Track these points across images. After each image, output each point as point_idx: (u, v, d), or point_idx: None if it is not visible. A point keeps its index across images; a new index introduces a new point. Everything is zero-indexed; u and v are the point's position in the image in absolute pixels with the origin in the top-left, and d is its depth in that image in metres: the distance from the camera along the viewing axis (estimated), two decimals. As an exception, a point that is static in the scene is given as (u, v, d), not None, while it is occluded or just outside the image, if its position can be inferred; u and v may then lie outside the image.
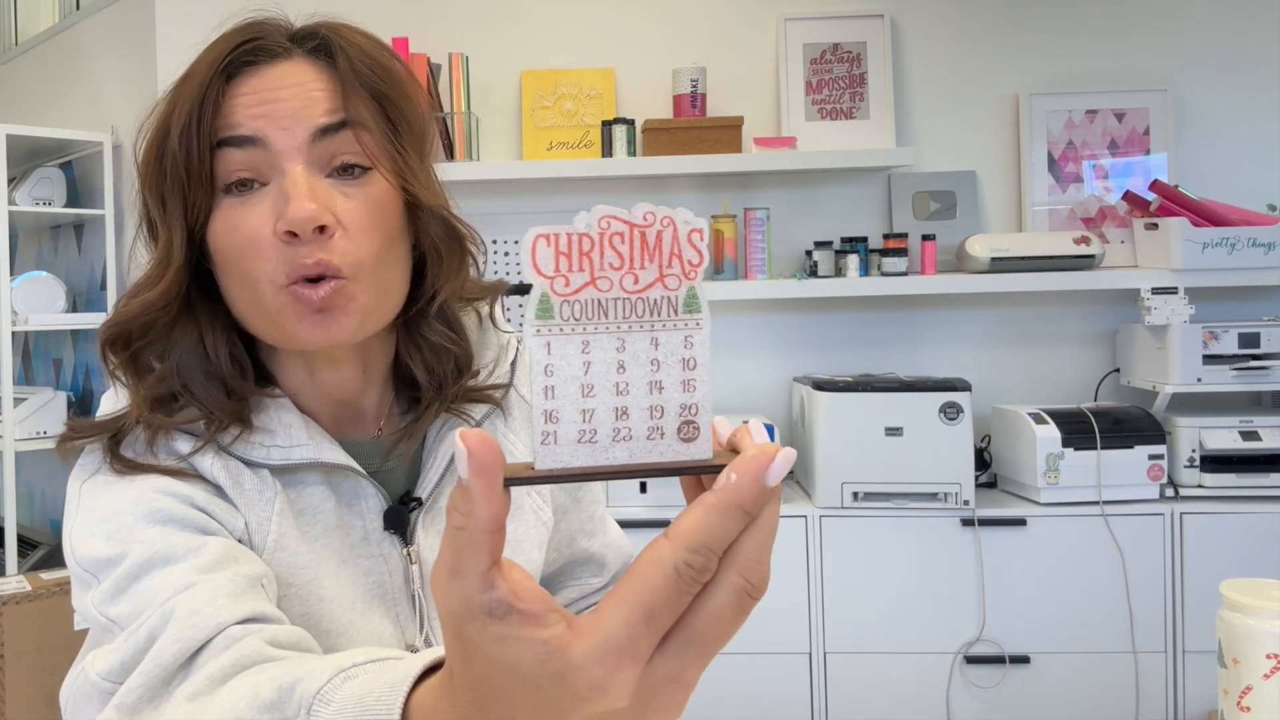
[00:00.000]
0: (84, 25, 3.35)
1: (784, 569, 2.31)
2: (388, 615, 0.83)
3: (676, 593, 0.41)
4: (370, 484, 0.82)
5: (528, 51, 2.72)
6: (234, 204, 0.76)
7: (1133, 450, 2.31)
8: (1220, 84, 2.67)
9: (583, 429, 0.41)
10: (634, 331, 0.40)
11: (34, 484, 3.46)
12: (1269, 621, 0.86)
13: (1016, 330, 2.71)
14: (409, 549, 0.84)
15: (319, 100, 0.77)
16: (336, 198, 0.76)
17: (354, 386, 0.85)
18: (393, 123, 0.80)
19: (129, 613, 0.67)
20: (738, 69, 2.70)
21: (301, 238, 0.73)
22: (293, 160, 0.75)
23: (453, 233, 0.83)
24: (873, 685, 2.31)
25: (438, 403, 0.85)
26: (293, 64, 0.78)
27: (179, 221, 0.76)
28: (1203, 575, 2.26)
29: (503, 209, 2.74)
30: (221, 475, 0.77)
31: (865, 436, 2.31)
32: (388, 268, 0.79)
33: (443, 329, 0.86)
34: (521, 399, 0.93)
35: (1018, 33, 2.70)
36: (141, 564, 0.69)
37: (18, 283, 2.92)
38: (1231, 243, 2.40)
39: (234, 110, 0.75)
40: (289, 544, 0.78)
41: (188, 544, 0.70)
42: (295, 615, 0.77)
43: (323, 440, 0.81)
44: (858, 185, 2.72)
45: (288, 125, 0.75)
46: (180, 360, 0.78)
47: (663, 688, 0.46)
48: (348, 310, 0.76)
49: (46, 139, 2.93)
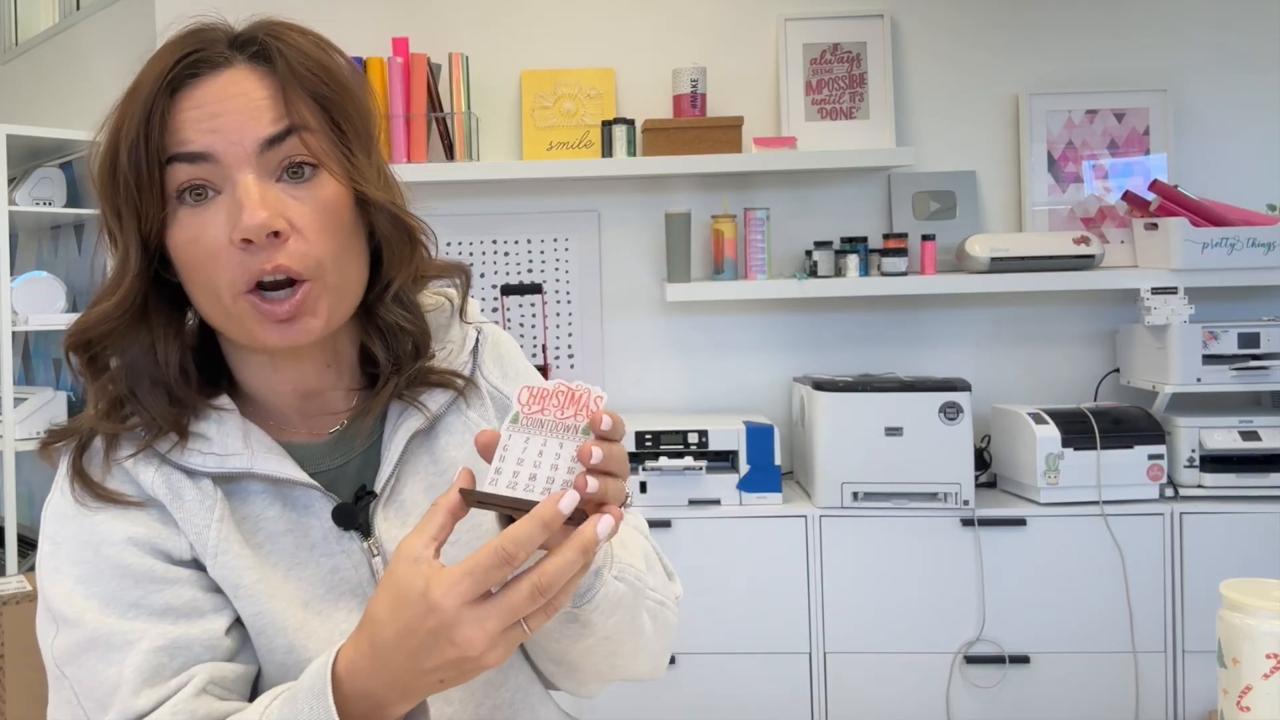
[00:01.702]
0: (84, 25, 3.35)
1: (784, 569, 2.31)
2: (355, 611, 0.85)
3: (498, 563, 0.67)
4: (315, 490, 0.84)
5: (528, 51, 2.71)
6: (191, 213, 0.79)
7: (1132, 450, 2.31)
8: (1220, 84, 2.67)
9: (513, 480, 0.72)
10: (553, 438, 0.73)
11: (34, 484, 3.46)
12: (1269, 621, 0.86)
13: (1016, 330, 2.71)
14: (369, 541, 0.85)
15: (263, 110, 0.79)
16: (288, 202, 0.79)
17: (319, 378, 0.88)
18: (336, 122, 0.82)
19: (76, 683, 0.78)
20: (738, 69, 2.70)
21: (257, 244, 0.77)
22: (243, 170, 0.78)
23: (401, 225, 0.85)
24: (873, 685, 2.31)
25: (395, 380, 0.87)
26: (234, 73, 0.80)
27: (134, 233, 0.80)
28: (1202, 575, 2.26)
29: (503, 209, 2.74)
30: (161, 490, 0.81)
31: (865, 436, 2.31)
32: (346, 263, 0.82)
33: (400, 310, 0.88)
34: (493, 388, 0.94)
35: (1018, 33, 2.70)
36: (91, 639, 0.77)
37: (18, 283, 2.92)
38: (1231, 243, 2.40)
39: (182, 126, 0.78)
40: (231, 548, 0.81)
41: (132, 633, 0.77)
42: (249, 614, 0.81)
43: (261, 450, 0.83)
44: (857, 185, 2.71)
45: (235, 138, 0.78)
46: (130, 365, 0.83)
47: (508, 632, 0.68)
48: (314, 312, 0.80)
49: (46, 139, 2.93)
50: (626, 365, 2.75)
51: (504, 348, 0.97)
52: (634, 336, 2.75)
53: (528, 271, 2.75)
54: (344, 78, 0.84)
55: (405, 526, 0.86)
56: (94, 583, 0.79)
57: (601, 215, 2.74)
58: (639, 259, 2.74)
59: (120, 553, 0.79)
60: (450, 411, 0.90)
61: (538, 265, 2.75)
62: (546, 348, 2.73)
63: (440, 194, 2.71)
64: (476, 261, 2.75)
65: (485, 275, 2.75)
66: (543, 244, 2.75)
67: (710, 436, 2.37)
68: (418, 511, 0.87)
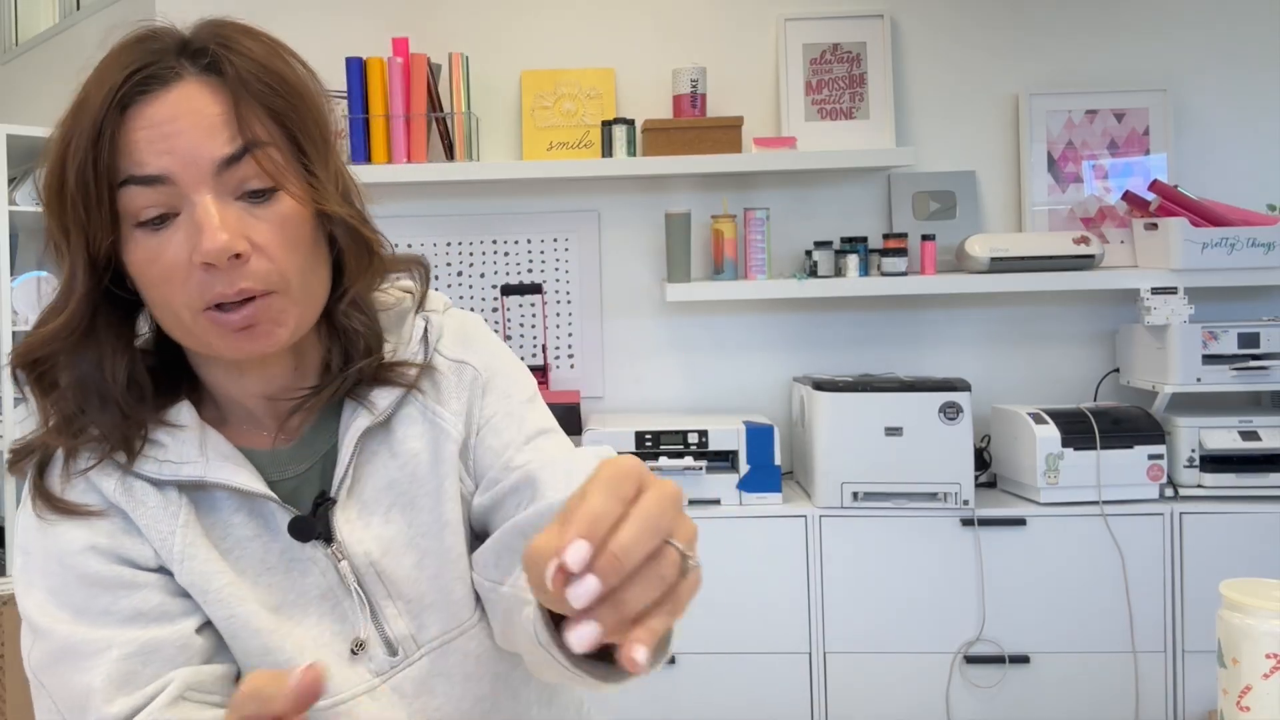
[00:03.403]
0: (84, 25, 3.35)
1: (784, 569, 2.31)
2: (329, 613, 0.85)
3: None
4: (272, 501, 0.84)
5: (528, 51, 2.72)
6: (148, 235, 0.77)
7: (1132, 450, 2.31)
8: (1220, 84, 2.67)
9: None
10: None
11: (34, 484, 3.46)
12: (1269, 621, 0.86)
13: (1016, 330, 2.71)
14: (332, 547, 0.85)
15: (217, 128, 0.77)
16: (248, 221, 0.77)
17: (286, 380, 0.87)
18: (292, 134, 0.81)
19: (53, 692, 0.79)
20: (738, 69, 2.70)
21: (218, 267, 0.76)
22: (200, 191, 0.76)
23: (359, 237, 0.84)
24: (873, 685, 2.31)
25: (337, 381, 0.86)
26: (186, 88, 0.78)
27: (81, 252, 0.78)
28: (1202, 575, 2.26)
29: (503, 209, 2.74)
30: (122, 497, 0.81)
31: (865, 436, 2.31)
32: (311, 275, 0.82)
33: (356, 314, 0.87)
34: (456, 364, 0.91)
35: (1018, 33, 2.70)
36: (64, 649, 0.78)
37: (18, 283, 2.92)
38: (1231, 243, 2.40)
39: (134, 147, 0.76)
40: (199, 553, 0.81)
41: (101, 642, 0.78)
42: (221, 618, 0.81)
43: (216, 458, 0.82)
44: (857, 185, 2.72)
45: (191, 159, 0.76)
46: (78, 382, 0.82)
47: None
48: (278, 320, 0.79)
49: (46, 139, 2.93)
50: (626, 365, 2.75)
51: (469, 327, 0.95)
52: (634, 336, 2.75)
53: (528, 271, 2.75)
54: (298, 85, 0.82)
55: (369, 526, 0.86)
56: (63, 593, 0.79)
57: (601, 215, 2.74)
58: (639, 259, 2.74)
59: (83, 561, 0.80)
60: (406, 403, 0.89)
61: (538, 265, 2.75)
62: (546, 348, 2.73)
63: (440, 194, 2.71)
64: (476, 261, 2.75)
65: (485, 275, 2.75)
66: (543, 244, 2.75)
67: (710, 436, 2.37)
68: (381, 509, 0.86)
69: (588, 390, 2.74)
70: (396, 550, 0.86)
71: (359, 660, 0.85)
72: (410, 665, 0.86)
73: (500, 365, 0.94)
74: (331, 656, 0.84)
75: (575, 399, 2.59)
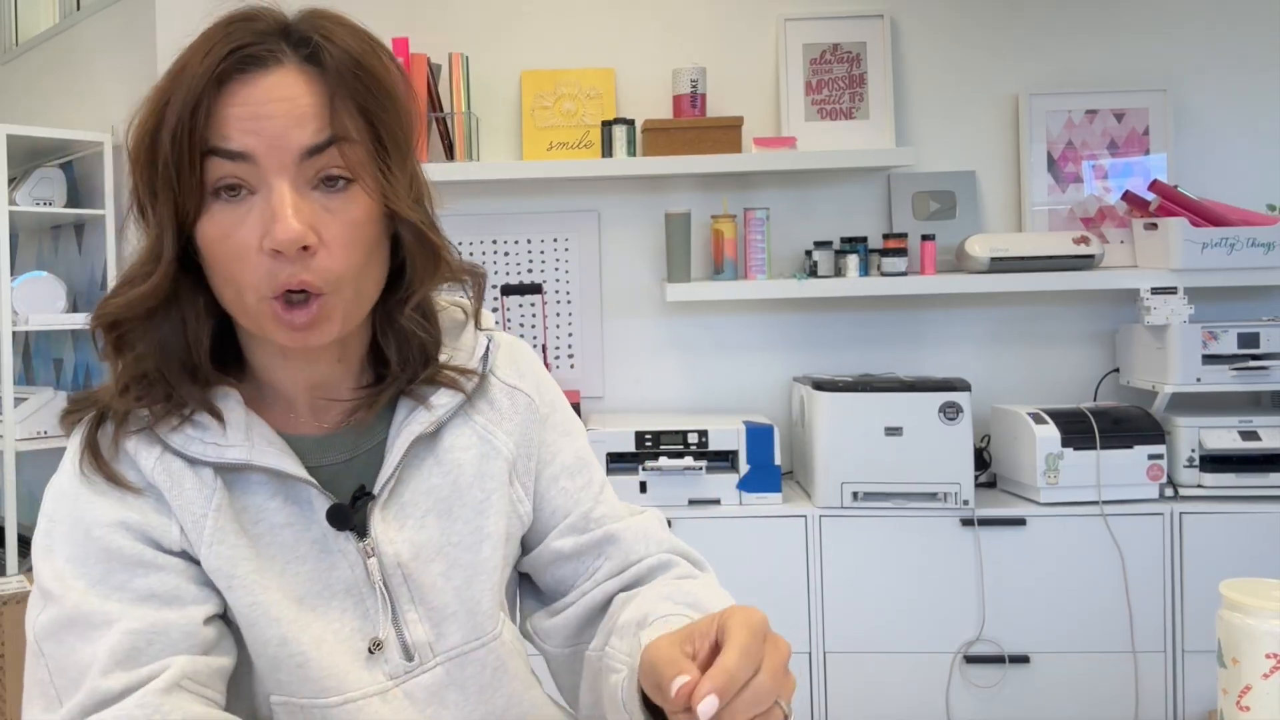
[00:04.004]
0: (84, 25, 3.35)
1: (784, 569, 2.31)
2: (352, 609, 0.85)
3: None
4: (313, 487, 0.84)
5: (528, 51, 2.72)
6: (223, 209, 0.79)
7: (1132, 450, 2.31)
8: (1220, 84, 2.68)
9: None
10: None
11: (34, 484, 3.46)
12: (1269, 621, 0.86)
13: (1016, 330, 2.71)
14: (364, 542, 0.85)
15: (308, 117, 0.78)
16: (320, 214, 0.79)
17: (328, 372, 0.88)
18: (378, 134, 0.82)
19: (52, 660, 0.78)
20: (738, 69, 2.70)
21: (286, 255, 0.77)
22: (280, 177, 0.78)
23: (426, 243, 0.86)
24: (872, 685, 2.31)
25: (400, 381, 0.88)
26: (284, 74, 0.79)
27: (170, 220, 0.79)
28: (1202, 575, 2.26)
29: (503, 209, 2.74)
30: (160, 476, 0.82)
31: (865, 436, 2.31)
32: (364, 277, 0.83)
33: (417, 317, 0.89)
34: (510, 389, 0.95)
35: (1018, 33, 2.70)
36: (73, 617, 0.78)
37: (18, 283, 2.92)
38: (1231, 243, 2.40)
39: (225, 122, 0.77)
40: (228, 538, 0.82)
41: (110, 614, 0.78)
42: (243, 605, 0.81)
43: (261, 442, 0.83)
44: (857, 185, 2.72)
45: (277, 143, 0.77)
46: (160, 346, 0.83)
47: None
48: (329, 319, 0.81)
49: (46, 139, 2.93)
50: (626, 365, 2.75)
51: (518, 352, 0.98)
52: (634, 336, 2.75)
53: (528, 271, 2.75)
54: (391, 86, 0.83)
55: (404, 528, 0.87)
56: (82, 563, 0.79)
57: (601, 215, 2.74)
58: (639, 259, 2.74)
59: (109, 535, 0.80)
60: (457, 416, 0.90)
61: (538, 265, 2.75)
62: (547, 348, 2.73)
63: (440, 194, 2.71)
64: (476, 261, 2.75)
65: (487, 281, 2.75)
66: (543, 244, 2.75)
67: (710, 436, 2.37)
68: (417, 514, 0.87)
69: (588, 390, 2.74)
70: (426, 556, 0.87)
71: (375, 661, 0.85)
72: (425, 672, 0.86)
73: (554, 399, 0.99)
74: (349, 653, 0.84)
75: (575, 399, 2.59)
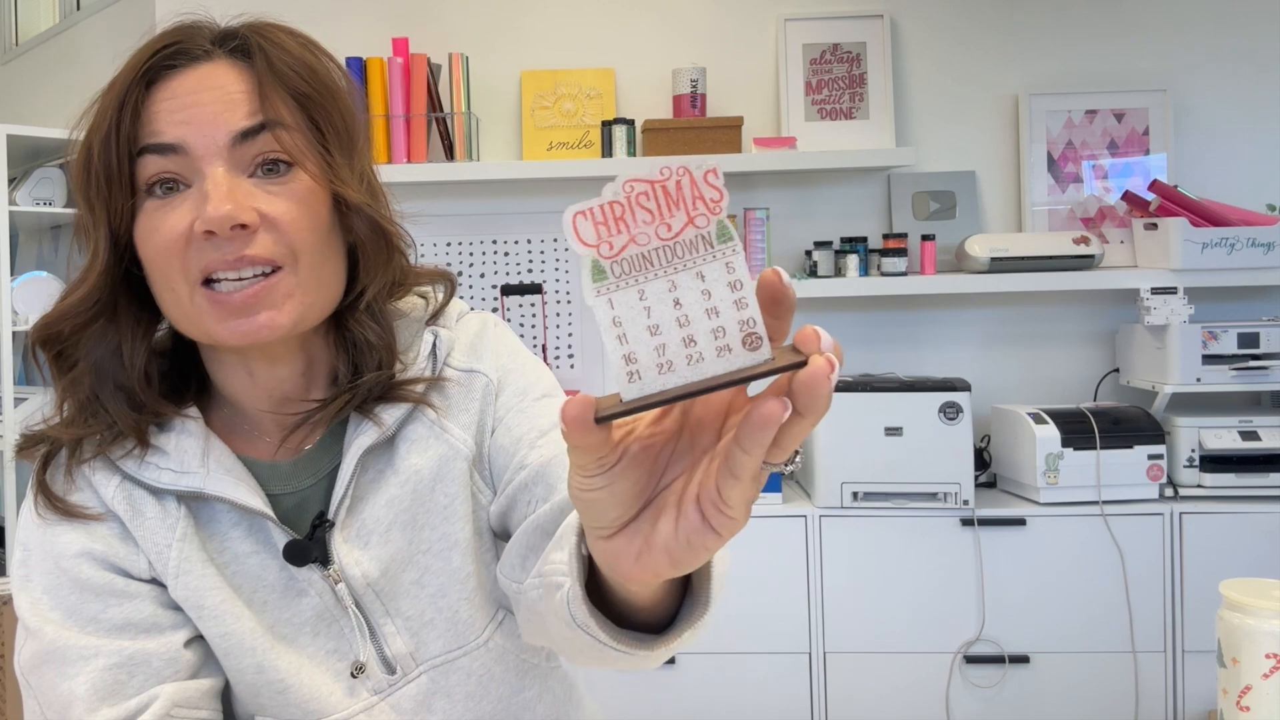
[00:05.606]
0: (84, 25, 3.35)
1: (784, 569, 2.31)
2: (325, 634, 0.83)
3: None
4: (269, 520, 0.81)
5: (528, 51, 2.71)
6: (156, 206, 0.77)
7: (1132, 450, 2.31)
8: (1220, 84, 2.67)
9: (660, 361, 0.46)
10: (680, 271, 0.45)
11: (34, 484, 3.46)
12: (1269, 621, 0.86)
13: (1016, 330, 2.71)
14: (330, 569, 0.82)
15: (239, 103, 0.77)
16: (260, 196, 0.76)
17: (295, 385, 0.85)
18: (315, 122, 0.80)
19: (39, 694, 0.77)
20: (737, 69, 2.70)
21: (220, 236, 0.74)
22: (213, 164, 0.75)
23: (378, 230, 0.82)
24: (872, 685, 2.31)
25: (346, 395, 0.82)
26: (213, 66, 0.78)
27: (104, 226, 0.77)
28: (1202, 575, 2.26)
29: (503, 209, 2.74)
30: (122, 506, 0.80)
31: (865, 436, 2.31)
32: (324, 260, 0.79)
33: (370, 323, 0.84)
34: (465, 373, 0.88)
35: (1018, 33, 2.70)
36: (50, 652, 0.77)
37: (18, 283, 2.92)
38: (1231, 243, 2.40)
39: (155, 117, 0.76)
40: (194, 569, 0.80)
41: (88, 649, 0.77)
42: (215, 635, 0.80)
43: (218, 470, 0.80)
44: (857, 185, 2.72)
45: (208, 130, 0.76)
46: (95, 365, 0.80)
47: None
48: (277, 306, 0.76)
49: (46, 139, 2.93)
50: (626, 365, 2.75)
51: (484, 330, 0.91)
52: (634, 336, 2.75)
53: (528, 271, 2.75)
54: (328, 79, 0.82)
55: (368, 547, 0.83)
56: (56, 593, 0.79)
57: (601, 215, 2.74)
58: (639, 259, 2.74)
59: (77, 566, 0.79)
60: (412, 420, 0.85)
61: (538, 265, 2.75)
62: (546, 348, 2.73)
63: (440, 194, 2.71)
64: (476, 261, 2.75)
65: (485, 275, 2.75)
66: (543, 244, 2.75)
67: (710, 436, 2.37)
68: (380, 529, 0.84)
69: (588, 390, 2.74)
70: (395, 568, 0.84)
71: (359, 682, 0.84)
72: (409, 683, 0.85)
73: (513, 365, 0.90)
74: (329, 675, 0.83)
75: (575, 399, 2.58)
